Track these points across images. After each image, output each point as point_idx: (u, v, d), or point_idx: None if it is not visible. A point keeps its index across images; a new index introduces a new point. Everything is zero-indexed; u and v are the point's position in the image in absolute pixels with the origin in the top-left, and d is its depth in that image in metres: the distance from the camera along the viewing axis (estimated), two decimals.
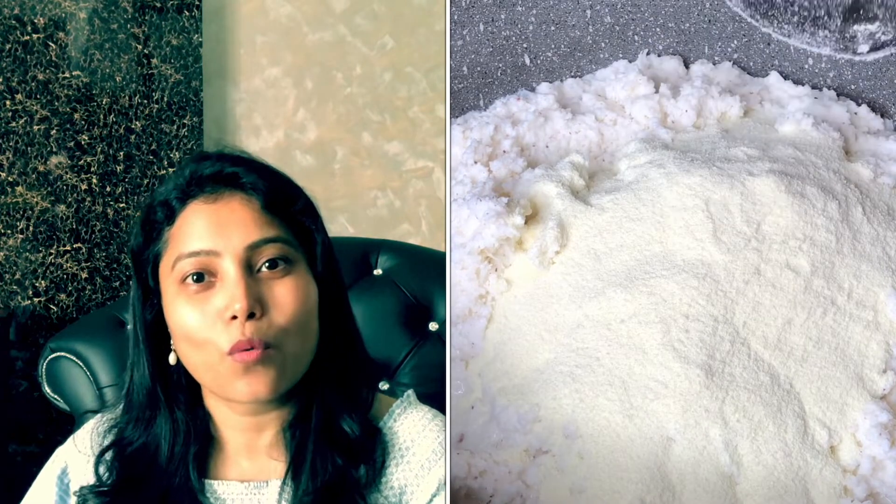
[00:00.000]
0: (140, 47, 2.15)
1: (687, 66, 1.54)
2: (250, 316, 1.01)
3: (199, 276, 1.03)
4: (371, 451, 1.07)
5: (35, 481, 1.16)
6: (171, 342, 1.07)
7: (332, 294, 1.09)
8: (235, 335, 1.01)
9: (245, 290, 1.02)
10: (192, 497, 1.07)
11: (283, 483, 1.06)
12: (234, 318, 1.01)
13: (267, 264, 1.04)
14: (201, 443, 1.09)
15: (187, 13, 2.18)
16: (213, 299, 1.03)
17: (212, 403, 1.10)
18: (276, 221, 1.06)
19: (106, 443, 1.11)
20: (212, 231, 1.04)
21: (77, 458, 1.14)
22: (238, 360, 1.01)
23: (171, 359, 1.08)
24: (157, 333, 1.08)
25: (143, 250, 1.08)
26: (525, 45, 1.51)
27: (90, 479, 1.11)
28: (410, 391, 1.16)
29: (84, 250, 2.14)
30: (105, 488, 1.09)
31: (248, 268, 1.03)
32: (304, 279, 1.06)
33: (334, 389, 1.08)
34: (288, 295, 1.04)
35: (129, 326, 1.44)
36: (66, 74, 2.11)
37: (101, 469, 1.10)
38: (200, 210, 1.05)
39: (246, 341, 1.01)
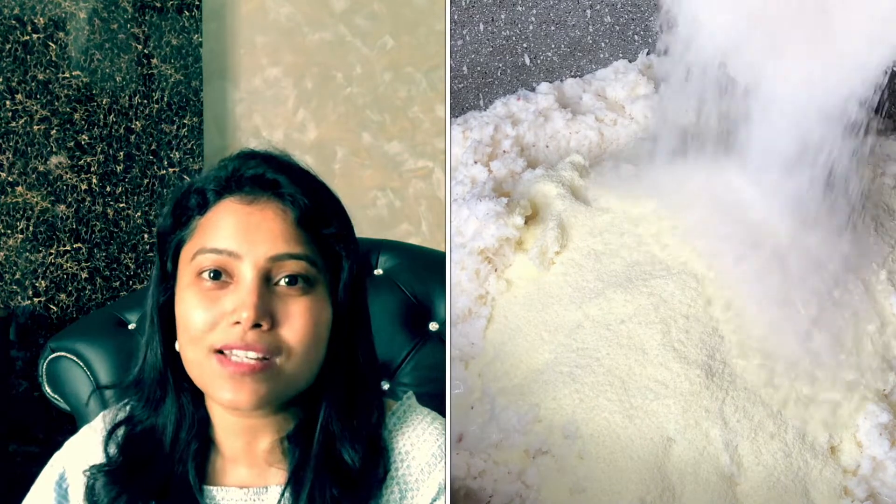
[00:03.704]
0: (140, 47, 2.15)
1: None
2: (256, 326, 1.00)
3: (216, 274, 1.02)
4: (373, 473, 1.06)
5: (33, 486, 1.16)
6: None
7: (350, 323, 1.07)
8: (232, 338, 1.00)
9: (256, 300, 1.00)
10: (190, 494, 1.07)
11: (283, 492, 1.06)
12: (238, 323, 1.01)
13: (286, 280, 1.02)
14: (201, 442, 1.09)
15: (187, 13, 2.18)
16: (224, 300, 1.01)
17: (211, 404, 1.10)
18: (305, 238, 1.03)
19: (119, 417, 1.11)
20: (239, 233, 1.02)
21: (92, 441, 1.14)
22: (223, 364, 1.01)
23: (178, 345, 1.07)
24: (169, 317, 1.08)
25: (170, 233, 1.07)
26: (525, 45, 1.51)
27: (101, 459, 1.11)
28: (410, 393, 1.15)
29: (84, 250, 2.14)
30: (112, 468, 1.09)
31: (266, 279, 1.02)
32: (320, 303, 1.04)
33: (339, 417, 1.06)
34: (300, 314, 1.02)
35: (132, 327, 1.45)
36: (66, 74, 2.11)
37: (111, 448, 1.10)
38: (234, 209, 1.04)
39: (243, 346, 1.00)
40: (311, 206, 1.04)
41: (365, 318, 1.10)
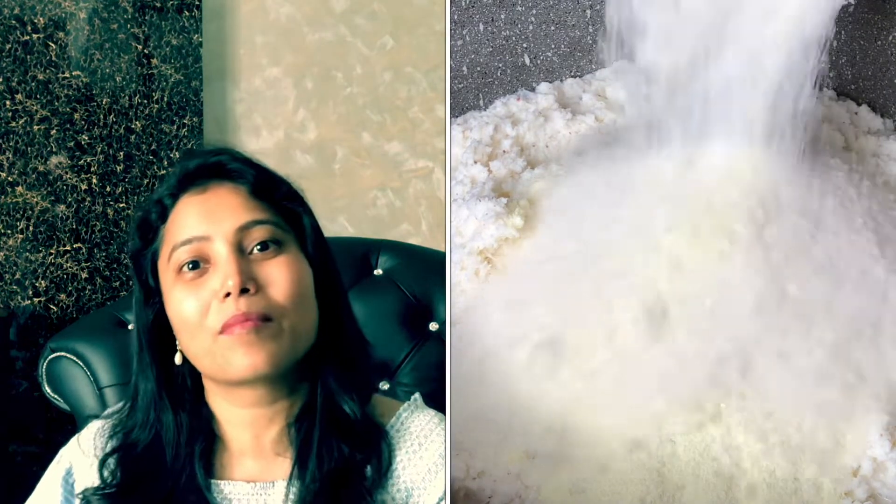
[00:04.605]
0: (140, 47, 2.15)
1: None
2: (245, 291, 1.04)
3: (195, 264, 1.06)
4: (377, 446, 1.08)
5: (40, 482, 1.16)
6: (177, 342, 1.08)
7: (326, 275, 1.11)
8: (229, 311, 1.03)
9: (237, 268, 1.04)
10: (198, 495, 1.08)
11: (290, 482, 1.06)
12: (228, 295, 1.03)
13: (258, 246, 1.06)
14: (206, 441, 1.10)
15: (187, 13, 2.18)
16: (208, 283, 1.05)
17: (215, 402, 1.11)
18: (264, 206, 1.08)
19: (111, 445, 1.12)
20: (203, 218, 1.07)
21: (81, 460, 1.14)
22: (229, 334, 1.02)
23: (178, 359, 1.09)
24: (160, 335, 1.10)
25: (142, 251, 1.11)
26: (525, 45, 1.51)
27: (94, 481, 1.11)
28: (417, 395, 1.16)
29: (84, 250, 2.14)
30: (110, 490, 1.10)
31: (240, 250, 1.06)
32: (296, 259, 1.08)
33: (335, 372, 1.09)
34: (282, 273, 1.06)
35: (131, 328, 1.45)
36: (66, 74, 2.11)
37: (105, 472, 1.11)
38: (191, 202, 1.08)
39: (240, 315, 1.03)
40: (259, 175, 1.10)
41: (334, 268, 1.14)
